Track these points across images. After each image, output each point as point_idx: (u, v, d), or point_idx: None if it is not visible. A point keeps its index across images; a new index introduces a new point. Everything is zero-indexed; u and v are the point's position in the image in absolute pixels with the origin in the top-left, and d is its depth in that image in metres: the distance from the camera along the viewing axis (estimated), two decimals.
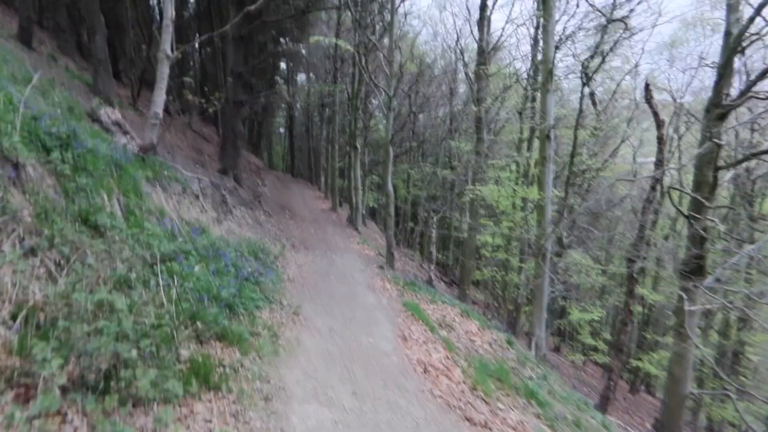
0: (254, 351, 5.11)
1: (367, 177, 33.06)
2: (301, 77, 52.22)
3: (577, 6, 9.11)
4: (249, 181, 20.67)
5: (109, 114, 9.16)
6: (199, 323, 4.81)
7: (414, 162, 31.20)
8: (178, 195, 9.26)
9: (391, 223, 13.13)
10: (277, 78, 15.73)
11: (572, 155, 9.55)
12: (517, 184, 15.07)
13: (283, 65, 47.08)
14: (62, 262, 4.41)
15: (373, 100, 36.73)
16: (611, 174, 16.13)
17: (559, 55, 13.26)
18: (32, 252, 4.26)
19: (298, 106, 54.00)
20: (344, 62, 28.03)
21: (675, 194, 12.02)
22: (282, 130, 60.48)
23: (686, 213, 8.57)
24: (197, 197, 10.20)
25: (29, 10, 15.93)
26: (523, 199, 14.87)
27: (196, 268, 6.15)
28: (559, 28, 10.30)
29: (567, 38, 10.21)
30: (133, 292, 4.70)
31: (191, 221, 8.94)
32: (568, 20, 9.41)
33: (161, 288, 4.92)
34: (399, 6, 15.64)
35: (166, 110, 23.90)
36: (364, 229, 23.30)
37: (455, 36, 19.86)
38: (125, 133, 8.95)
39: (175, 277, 5.43)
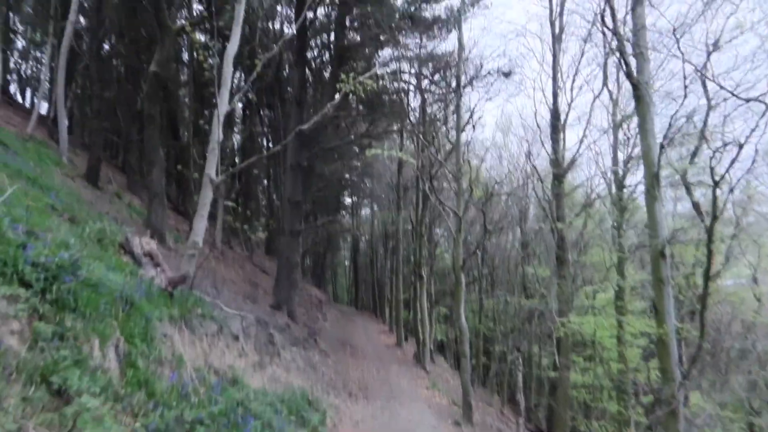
0: None
1: (434, 308, 30.93)
2: (365, 211, 52.97)
3: (685, 95, 7.55)
4: (307, 316, 19.17)
5: (143, 245, 8.10)
6: None
7: (486, 292, 28.94)
8: (211, 337, 7.73)
9: (467, 365, 10.91)
10: (342, 212, 14.72)
11: (706, 276, 7.42)
12: (623, 314, 12.59)
13: (348, 199, 47.99)
14: None
15: (437, 229, 35.71)
16: (736, 299, 13.45)
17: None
18: None
19: (363, 238, 54.20)
20: (407, 190, 27.51)
21: None
22: (347, 263, 60.46)
23: None
24: (236, 338, 8.63)
25: (99, 151, 16.34)
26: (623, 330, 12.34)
27: None
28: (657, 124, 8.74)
29: (674, 136, 8.55)
30: None
31: (222, 370, 7.27)
32: (676, 111, 7.92)
33: None
34: (465, 127, 14.78)
35: (228, 243, 23.61)
36: (432, 367, 20.78)
37: (524, 157, 18.73)
38: (156, 265, 7.78)
39: None
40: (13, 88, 32.42)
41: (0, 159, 10.57)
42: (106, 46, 18.28)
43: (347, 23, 15.38)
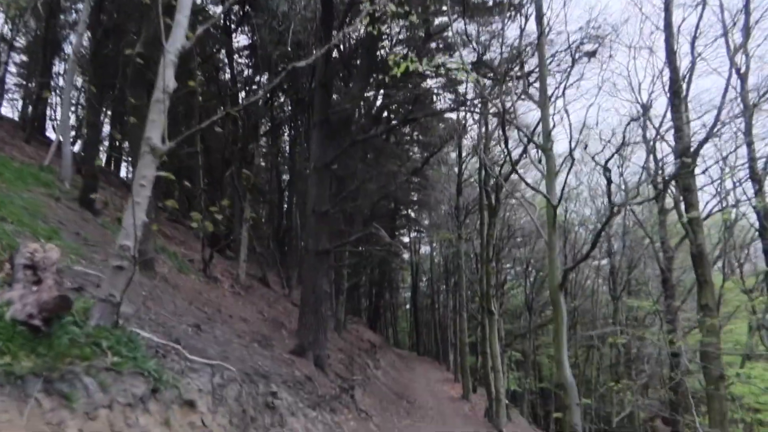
0: None
1: (504, 354, 26.54)
2: (425, 249, 49.39)
3: None
4: (349, 364, 15.53)
5: (35, 253, 4.90)
6: None
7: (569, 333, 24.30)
8: (125, 406, 4.33)
9: None
10: (375, 224, 11.20)
11: None
12: None
13: (406, 239, 44.59)
14: None
15: (506, 265, 31.39)
16: None
17: None
18: None
19: (423, 278, 50.51)
20: (469, 214, 23.90)
21: None
22: (408, 306, 56.88)
23: None
24: (191, 405, 5.20)
25: (93, 168, 13.79)
26: None
27: None
28: None
29: None
30: None
31: None
32: None
33: None
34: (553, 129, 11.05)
35: (262, 279, 20.49)
36: (510, 428, 16.46)
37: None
38: (35, 282, 4.54)
39: None
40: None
41: None
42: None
43: None
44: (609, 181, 7.02)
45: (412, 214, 41.22)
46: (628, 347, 17.99)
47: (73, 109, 18.88)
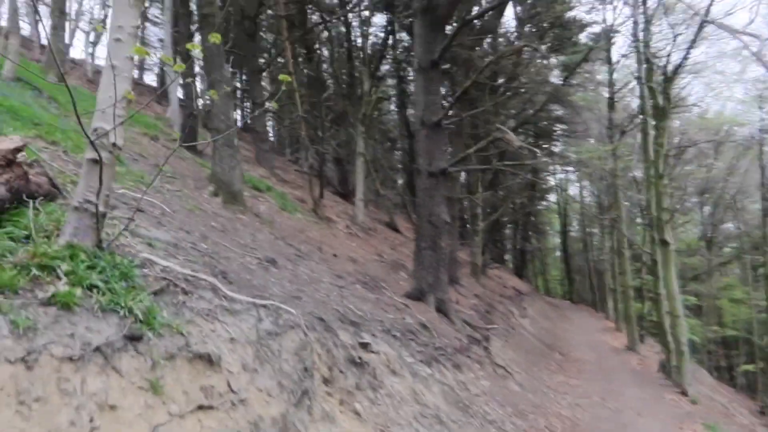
0: None
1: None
2: (573, 191, 44.77)
3: None
4: (486, 311, 13.33)
5: None
6: None
7: None
8: (59, 358, 2.67)
9: None
10: (499, 126, 8.53)
11: None
12: None
13: (552, 180, 40.14)
14: None
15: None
16: None
17: None
18: None
19: (574, 220, 46.33)
20: (626, 133, 19.96)
21: None
22: (558, 253, 52.63)
23: None
24: (210, 360, 3.48)
25: (194, 112, 12.97)
26: None
27: None
28: None
29: None
30: None
31: None
32: None
33: None
34: None
35: (389, 223, 18.88)
36: (696, 387, 13.15)
37: None
38: None
39: None
40: None
41: None
42: None
43: None
44: None
45: (557, 149, 37.11)
46: None
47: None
